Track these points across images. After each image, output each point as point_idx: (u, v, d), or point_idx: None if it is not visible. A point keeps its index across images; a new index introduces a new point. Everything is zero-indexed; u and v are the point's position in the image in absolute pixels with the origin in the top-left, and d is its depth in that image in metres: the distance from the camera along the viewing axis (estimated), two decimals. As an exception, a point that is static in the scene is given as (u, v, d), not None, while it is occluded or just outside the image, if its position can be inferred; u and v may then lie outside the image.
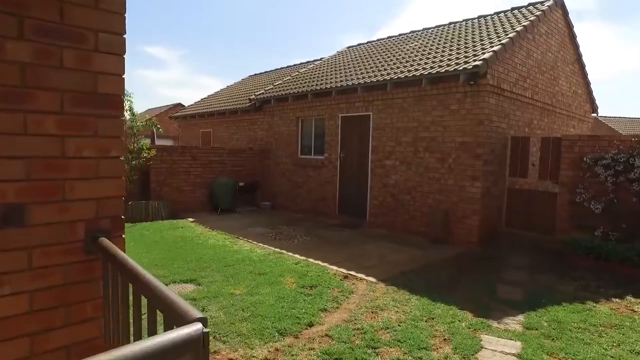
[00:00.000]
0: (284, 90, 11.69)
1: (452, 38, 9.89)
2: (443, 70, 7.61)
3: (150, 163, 10.28)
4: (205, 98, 18.42)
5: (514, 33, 8.00)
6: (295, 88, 11.27)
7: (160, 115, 27.30)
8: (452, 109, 7.79)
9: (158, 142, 16.70)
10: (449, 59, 8.22)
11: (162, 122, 25.96)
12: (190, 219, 10.02)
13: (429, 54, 9.26)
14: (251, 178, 12.36)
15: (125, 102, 9.46)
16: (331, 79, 10.64)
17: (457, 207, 7.77)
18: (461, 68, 7.32)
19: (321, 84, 10.47)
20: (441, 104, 7.96)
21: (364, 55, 11.87)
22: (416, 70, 8.38)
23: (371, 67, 10.10)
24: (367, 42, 13.77)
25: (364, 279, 5.56)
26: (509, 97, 8.07)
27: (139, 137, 9.87)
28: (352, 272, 5.82)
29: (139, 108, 43.19)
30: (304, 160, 11.25)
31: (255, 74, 19.51)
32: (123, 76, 2.12)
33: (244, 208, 11.79)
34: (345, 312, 4.42)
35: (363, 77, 9.45)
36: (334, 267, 6.06)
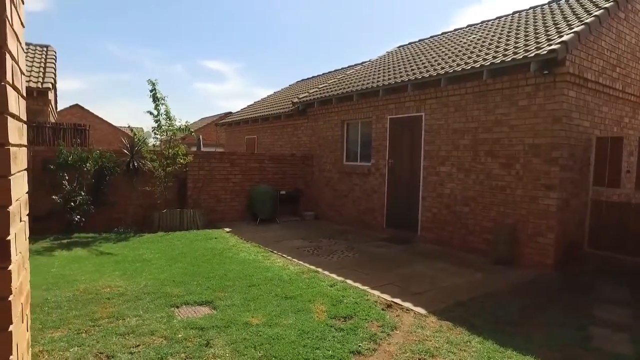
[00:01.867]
0: (327, 92, 10.89)
1: (519, 26, 8.58)
2: (509, 59, 6.40)
3: (186, 170, 9.87)
4: (251, 104, 18.13)
5: (602, 11, 6.61)
6: (340, 89, 10.43)
7: (211, 124, 27.65)
8: (521, 105, 6.55)
9: (205, 149, 16.56)
10: (516, 47, 6.98)
11: (212, 131, 26.28)
12: (227, 229, 9.44)
13: (491, 44, 8.04)
14: (293, 186, 11.64)
15: (161, 105, 9.12)
16: (379, 78, 9.68)
17: (526, 221, 6.47)
18: (532, 55, 6.08)
19: (367, 84, 9.54)
20: (507, 99, 6.73)
21: (416, 53, 10.80)
22: (475, 62, 7.22)
23: (423, 64, 9.02)
24: (419, 40, 12.66)
25: (412, 310, 4.52)
26: (593, 90, 6.67)
27: (175, 141, 9.48)
28: (397, 300, 4.79)
29: (194, 117, 44.56)
30: (349, 167, 10.34)
31: (303, 79, 18.96)
32: (5, 15, 1.36)
33: (285, 218, 11.06)
34: (383, 358, 3.44)
35: (414, 74, 8.40)
36: (376, 292, 5.06)
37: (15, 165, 1.52)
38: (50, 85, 10.64)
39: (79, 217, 8.30)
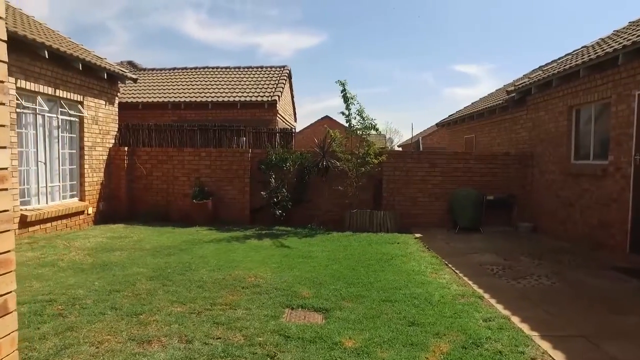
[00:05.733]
0: (547, 72, 8.56)
1: None
2: None
3: (380, 169, 9.59)
4: (475, 101, 16.34)
5: None
6: (563, 66, 8.00)
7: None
8: None
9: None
10: None
11: (438, 134, 25.39)
12: (417, 235, 8.66)
13: None
14: (505, 191, 9.68)
15: (351, 105, 9.19)
16: (621, 39, 6.88)
17: None
18: None
19: (601, 50, 6.93)
20: None
21: None
22: None
23: None
24: None
25: (588, 387, 2.80)
26: None
27: (363, 141, 9.37)
28: (571, 364, 3.09)
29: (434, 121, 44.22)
30: (577, 167, 7.81)
31: (540, 66, 15.79)
32: None
33: (493, 228, 9.33)
34: None
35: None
36: (544, 345, 3.44)
37: None
38: (277, 99, 12.45)
39: (279, 211, 9.25)
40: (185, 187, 9.78)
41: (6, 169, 2.13)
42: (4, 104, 2.07)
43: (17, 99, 7.12)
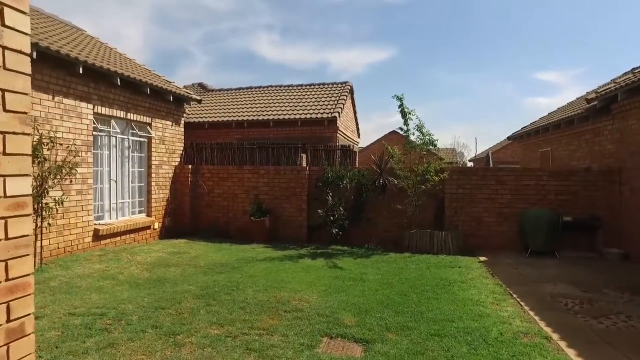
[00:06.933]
0: (639, 75, 7.52)
1: None
2: None
3: (440, 187, 9.03)
4: (553, 111, 14.96)
5: None
6: (657, 68, 6.97)
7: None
8: None
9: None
10: None
11: (511, 147, 23.65)
12: (482, 258, 7.99)
13: None
14: (587, 211, 8.60)
15: (409, 120, 8.80)
16: None
17: None
18: None
19: None
20: None
21: None
22: None
23: None
24: None
25: None
26: None
27: (424, 157, 8.89)
28: None
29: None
30: (677, 185, 6.70)
31: (631, 69, 14.06)
32: None
33: (572, 253, 8.32)
34: None
35: None
36: (624, 404, 2.84)
37: None
38: (337, 115, 12.40)
39: (336, 230, 9.06)
40: (244, 204, 9.99)
41: (28, 195, 2.20)
42: (28, 134, 2.15)
43: (94, 123, 7.78)
